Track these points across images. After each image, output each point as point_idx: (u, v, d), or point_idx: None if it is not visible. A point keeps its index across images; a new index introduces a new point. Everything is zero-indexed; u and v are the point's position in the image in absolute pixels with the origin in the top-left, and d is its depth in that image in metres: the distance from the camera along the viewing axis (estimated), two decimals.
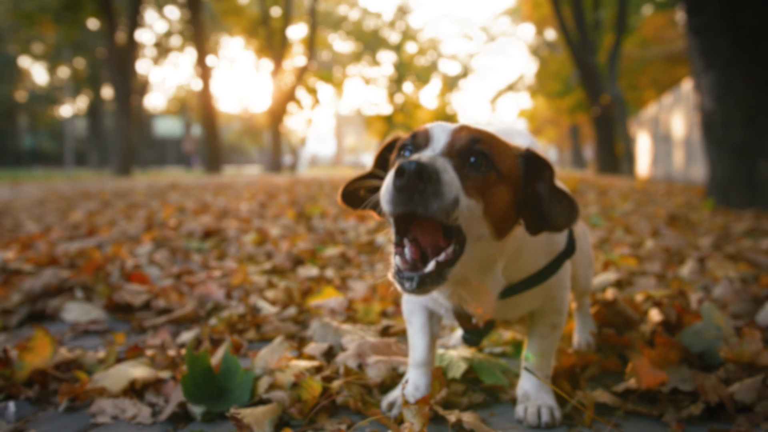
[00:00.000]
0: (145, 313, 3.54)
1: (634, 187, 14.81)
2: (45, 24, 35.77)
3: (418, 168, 1.41)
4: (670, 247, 5.36)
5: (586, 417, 2.03)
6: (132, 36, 31.93)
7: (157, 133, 77.46)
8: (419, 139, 1.65)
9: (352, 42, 58.24)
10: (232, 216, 8.73)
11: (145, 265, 4.91)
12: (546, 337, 2.12)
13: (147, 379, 2.37)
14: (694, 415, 2.05)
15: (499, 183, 1.61)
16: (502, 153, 1.65)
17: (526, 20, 50.16)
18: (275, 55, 41.70)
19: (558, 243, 1.99)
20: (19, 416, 2.21)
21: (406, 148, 1.68)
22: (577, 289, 2.70)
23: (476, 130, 1.65)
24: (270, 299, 3.70)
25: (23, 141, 69.60)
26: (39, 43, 51.97)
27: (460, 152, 1.59)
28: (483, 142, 1.60)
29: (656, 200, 11.20)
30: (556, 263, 1.97)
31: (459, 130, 1.64)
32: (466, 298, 1.80)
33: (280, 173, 37.11)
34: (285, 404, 2.15)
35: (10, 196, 13.97)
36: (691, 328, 2.52)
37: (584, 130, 52.55)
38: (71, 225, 7.83)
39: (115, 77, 31.03)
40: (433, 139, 1.63)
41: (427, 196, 1.42)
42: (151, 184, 19.07)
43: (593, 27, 30.08)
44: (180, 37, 54.87)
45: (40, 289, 3.80)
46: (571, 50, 26.95)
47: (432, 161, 1.46)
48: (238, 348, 2.77)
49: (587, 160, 53.54)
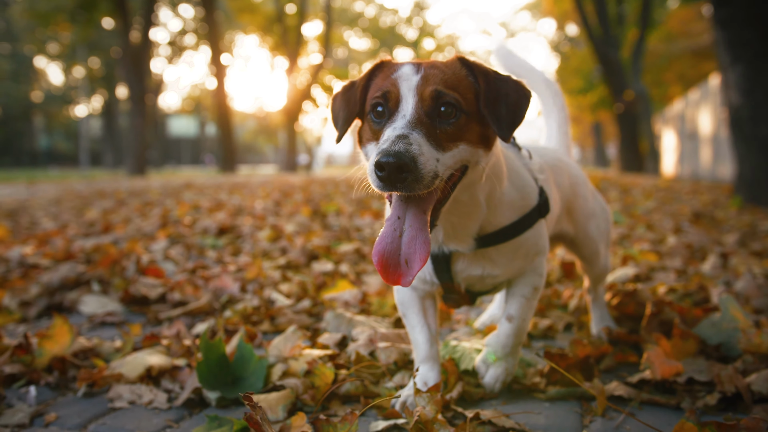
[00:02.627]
0: (161, 305, 3.63)
1: (658, 186, 14.74)
2: (60, 23, 36.27)
3: (397, 163, 1.58)
4: (693, 243, 5.37)
5: (598, 405, 2.08)
6: (146, 35, 32.27)
7: (172, 133, 78.15)
8: (390, 101, 1.78)
9: (369, 39, 58.39)
10: (246, 213, 8.84)
11: (160, 260, 5.01)
12: (528, 298, 2.19)
13: (163, 367, 2.46)
14: (710, 404, 2.09)
15: (469, 121, 1.79)
16: (462, 90, 1.80)
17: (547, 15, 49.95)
18: (290, 52, 41.91)
19: (530, 199, 2.11)
20: (40, 400, 2.30)
21: (378, 105, 1.81)
22: (596, 267, 2.76)
23: (436, 77, 1.78)
24: (284, 292, 3.77)
25: (39, 141, 70.57)
26: (54, 43, 52.66)
27: (429, 112, 1.74)
28: (446, 93, 1.75)
29: (681, 198, 11.15)
30: (530, 217, 2.08)
31: (424, 84, 1.77)
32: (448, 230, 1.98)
33: (296, 173, 37.28)
34: (298, 391, 2.22)
35: (26, 195, 14.22)
36: (709, 320, 2.55)
37: (607, 128, 52.20)
38: (87, 222, 7.97)
39: (130, 77, 31.37)
40: (402, 101, 1.76)
41: (409, 183, 1.61)
42: (166, 184, 19.29)
43: (616, 21, 29.86)
44: (194, 36, 55.32)
45: (58, 282, 3.91)
46: (594, 45, 26.79)
47: (407, 147, 1.61)
48: (253, 337, 2.84)
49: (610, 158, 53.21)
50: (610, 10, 28.48)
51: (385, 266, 1.71)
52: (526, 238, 2.09)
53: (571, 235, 2.61)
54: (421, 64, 1.84)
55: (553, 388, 2.25)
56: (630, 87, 26.78)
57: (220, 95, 35.58)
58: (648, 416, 2.06)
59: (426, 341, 2.21)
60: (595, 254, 2.71)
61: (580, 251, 2.70)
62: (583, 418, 2.07)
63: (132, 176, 29.20)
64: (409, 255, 1.70)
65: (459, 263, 2.07)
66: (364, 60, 59.73)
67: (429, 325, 2.23)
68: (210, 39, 35.34)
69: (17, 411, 2.16)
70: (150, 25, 32.69)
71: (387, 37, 57.72)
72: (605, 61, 26.84)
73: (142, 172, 30.74)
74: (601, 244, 2.71)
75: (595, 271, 2.79)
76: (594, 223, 2.66)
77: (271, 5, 44.36)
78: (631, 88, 26.68)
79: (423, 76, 1.78)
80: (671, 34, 34.27)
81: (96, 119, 68.90)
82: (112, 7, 31.30)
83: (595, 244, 2.68)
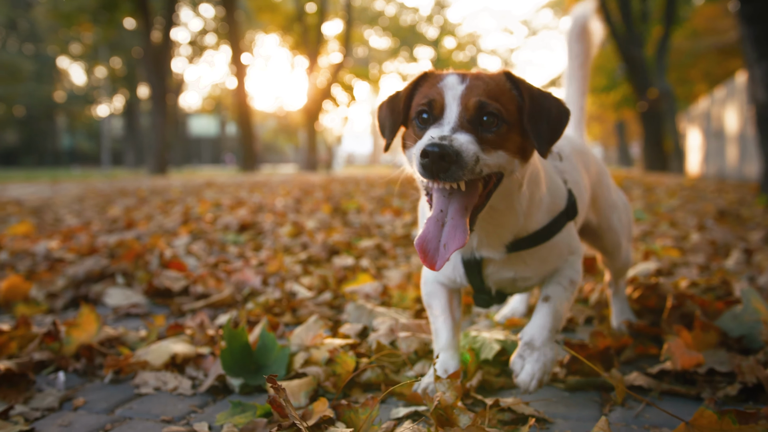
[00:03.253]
0: (184, 298, 3.70)
1: (682, 184, 14.63)
2: (83, 24, 36.77)
3: (441, 152, 1.66)
4: (717, 240, 5.34)
5: (617, 395, 2.10)
6: (167, 35, 32.61)
7: (192, 132, 78.78)
8: (435, 108, 1.84)
9: (389, 38, 58.40)
10: (267, 211, 8.92)
11: (182, 255, 5.09)
12: (565, 288, 2.18)
13: (187, 355, 2.52)
14: (730, 395, 2.10)
15: (510, 131, 1.84)
16: (505, 102, 1.86)
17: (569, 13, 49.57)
18: (310, 51, 42.09)
19: (559, 201, 2.14)
20: (68, 386, 2.37)
21: (423, 113, 1.87)
22: (618, 260, 2.77)
23: (481, 88, 1.84)
24: (306, 285, 3.83)
25: (61, 141, 71.54)
26: (77, 43, 53.33)
27: (472, 120, 1.80)
28: (489, 104, 1.80)
29: (706, 197, 11.06)
30: (558, 221, 2.12)
31: (468, 94, 1.83)
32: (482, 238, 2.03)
33: (316, 172, 37.43)
34: (320, 378, 2.27)
35: (50, 194, 14.44)
36: (730, 312, 2.56)
37: (631, 127, 51.74)
38: (110, 219, 8.10)
39: (151, 76, 31.74)
40: (447, 108, 1.83)
41: (452, 172, 1.69)
42: (187, 182, 19.48)
43: (640, 18, 29.61)
44: (215, 35, 55.71)
45: (83, 275, 3.99)
46: (617, 43, 26.58)
47: (449, 143, 1.69)
48: (275, 327, 2.89)
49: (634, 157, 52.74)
50: (633, 7, 28.25)
51: (425, 249, 1.78)
52: (557, 241, 2.13)
53: (594, 225, 2.62)
54: (466, 75, 1.90)
55: (573, 378, 2.28)
56: (654, 85, 26.53)
57: (240, 95, 35.83)
58: (668, 406, 2.07)
59: (448, 330, 2.24)
60: (617, 247, 2.72)
61: (601, 243, 2.71)
62: (602, 407, 2.10)
63: (153, 175, 29.51)
64: (447, 240, 1.77)
65: (490, 267, 2.12)
66: (384, 59, 59.79)
67: (452, 316, 2.26)
68: (230, 38, 35.60)
69: (47, 395, 2.23)
70: (171, 25, 33.05)
71: (407, 35, 57.67)
72: (629, 58, 26.63)
73: (163, 171, 31.06)
74: (623, 237, 2.72)
75: (616, 265, 2.80)
76: (616, 215, 2.68)
77: (292, 4, 44.58)
78: (655, 86, 26.44)
79: (467, 86, 1.85)
80: (697, 31, 33.90)
81: (117, 119, 69.66)
82: (134, 8, 31.69)
83: (617, 236, 2.69)
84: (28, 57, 60.98)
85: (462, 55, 60.69)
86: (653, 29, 30.50)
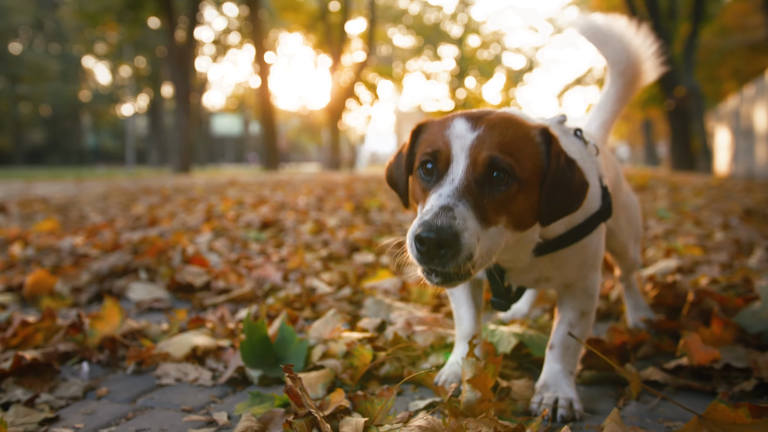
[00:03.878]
0: (205, 293, 3.78)
1: (709, 184, 14.48)
2: (108, 23, 37.33)
3: (438, 240, 1.56)
4: (741, 239, 5.31)
5: (632, 389, 2.12)
6: (191, 34, 32.97)
7: (216, 131, 79.44)
8: (440, 161, 1.73)
9: (413, 36, 58.44)
10: (289, 208, 9.01)
11: (204, 251, 5.17)
12: (574, 326, 2.11)
13: (208, 347, 2.58)
14: (746, 390, 2.11)
15: (520, 191, 1.71)
16: (522, 156, 1.72)
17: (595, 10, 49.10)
18: (334, 50, 42.28)
19: (593, 201, 2.01)
20: (92, 376, 2.45)
21: (427, 163, 1.76)
22: (625, 260, 2.76)
23: (495, 138, 1.71)
24: (326, 281, 3.88)
25: (86, 140, 72.61)
26: (102, 43, 54.15)
27: (479, 179, 1.68)
28: (502, 157, 1.68)
29: (732, 196, 10.94)
30: (591, 222, 2.00)
31: (478, 146, 1.70)
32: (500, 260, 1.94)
33: (339, 171, 37.55)
34: (337, 370, 2.32)
35: (75, 192, 14.69)
36: (749, 309, 2.56)
37: (658, 126, 51.21)
38: (133, 217, 8.24)
39: (175, 75, 32.10)
40: (453, 162, 1.71)
41: (447, 259, 1.59)
42: (210, 181, 19.69)
43: (667, 15, 29.30)
44: (239, 34, 56.17)
45: (107, 270, 4.08)
46: None
47: (450, 222, 1.58)
48: (294, 320, 2.95)
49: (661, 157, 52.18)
50: (661, 4, 27.97)
51: None
52: (586, 243, 2.03)
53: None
54: (481, 118, 1.76)
55: (589, 373, 2.30)
56: (681, 83, 26.25)
57: (263, 93, 36.11)
58: (683, 401, 2.09)
59: (471, 318, 2.24)
60: (625, 247, 2.68)
61: (610, 243, 2.63)
62: (617, 401, 2.12)
63: (177, 174, 29.84)
64: None
65: (513, 272, 2.05)
66: (408, 57, 59.80)
67: (476, 304, 2.25)
68: (254, 37, 35.92)
69: (71, 385, 2.30)
70: (195, 24, 33.42)
71: (431, 34, 57.64)
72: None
73: (186, 170, 31.39)
74: (631, 238, 2.69)
75: (624, 264, 2.79)
76: (625, 216, 2.64)
77: (315, 3, 44.84)
78: (682, 85, 26.15)
79: (479, 136, 1.71)
80: (726, 28, 33.48)
81: (142, 118, 70.53)
82: (158, 7, 32.10)
83: (626, 236, 2.65)
84: (54, 57, 62.04)
85: (486, 53, 60.49)
86: (681, 26, 30.16)
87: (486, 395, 1.95)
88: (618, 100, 2.75)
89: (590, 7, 51.44)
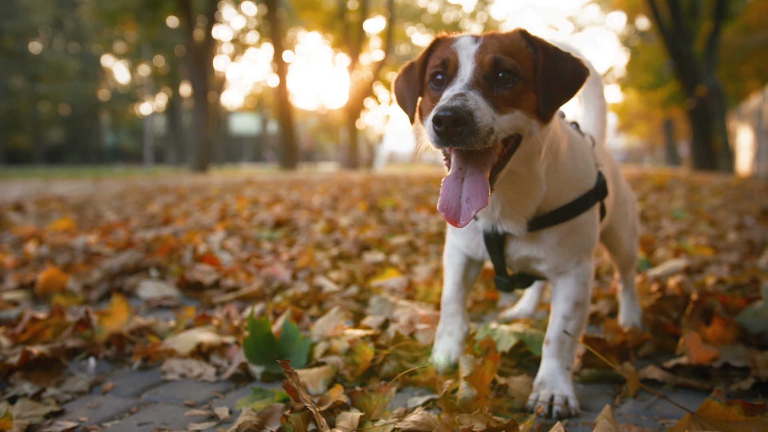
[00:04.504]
0: (215, 291, 3.84)
1: (729, 184, 14.33)
2: (126, 23, 37.70)
3: (454, 116, 1.65)
4: (755, 239, 5.28)
5: (629, 387, 2.14)
6: (210, 33, 33.18)
7: (234, 131, 79.91)
8: (449, 68, 1.85)
9: (432, 35, 58.08)
10: (303, 208, 9.08)
11: (216, 250, 5.24)
12: (569, 319, 2.14)
13: (212, 344, 2.64)
14: (743, 389, 2.13)
15: (526, 88, 1.84)
16: (521, 59, 1.86)
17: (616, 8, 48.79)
18: (352, 49, 42.36)
19: (588, 179, 2.12)
20: (98, 371, 2.51)
21: (438, 74, 1.88)
22: (621, 255, 2.78)
23: (495, 45, 1.85)
24: (334, 279, 3.93)
25: (105, 139, 73.38)
26: (121, 42, 54.66)
27: (487, 77, 1.80)
28: (505, 60, 1.81)
29: (752, 196, 10.84)
30: (585, 199, 2.09)
31: (482, 52, 1.83)
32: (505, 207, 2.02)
33: (357, 170, 37.64)
34: (339, 367, 2.37)
35: (92, 191, 14.88)
36: (751, 309, 2.57)
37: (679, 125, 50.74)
38: (148, 216, 8.35)
39: (193, 74, 32.33)
40: (461, 67, 1.83)
41: (465, 136, 1.68)
42: (227, 180, 19.85)
43: (689, 13, 28.99)
44: (257, 33, 56.41)
45: (119, 268, 4.16)
46: (665, 39, 26.11)
47: (464, 103, 1.69)
48: (299, 318, 3.00)
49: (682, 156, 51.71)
50: (682, 2, 27.68)
51: (448, 207, 1.79)
52: (580, 222, 2.09)
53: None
54: (480, 36, 1.91)
55: (588, 371, 2.33)
56: (703, 82, 25.98)
57: (281, 93, 36.24)
58: (681, 399, 2.11)
59: (454, 283, 2.35)
60: (620, 241, 2.71)
61: (605, 238, 2.70)
62: (615, 398, 2.14)
63: (194, 173, 30.07)
64: (471, 194, 1.77)
65: (511, 245, 2.12)
66: None
67: (465, 276, 2.35)
68: (272, 36, 36.04)
69: (78, 380, 2.37)
70: (213, 23, 33.62)
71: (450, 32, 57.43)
72: (677, 55, 26.13)
73: (204, 169, 31.62)
74: (626, 232, 2.72)
75: (619, 259, 2.80)
76: (622, 211, 2.68)
77: (333, 2, 44.92)
78: (704, 83, 25.89)
79: (482, 45, 1.85)
80: (749, 26, 33.07)
81: (160, 117, 71.09)
82: (177, 6, 32.33)
83: (621, 231, 2.69)
84: (73, 56, 62.76)
85: None
86: (703, 24, 29.83)
87: (483, 392, 1.99)
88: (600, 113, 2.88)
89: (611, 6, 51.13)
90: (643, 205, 8.99)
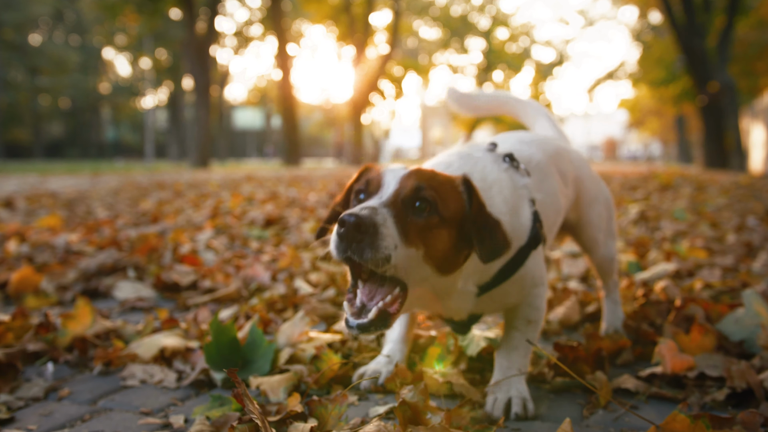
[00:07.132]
0: (191, 292, 3.82)
1: (738, 183, 14.23)
2: (128, 15, 37.76)
3: (357, 221, 1.63)
4: (753, 241, 5.23)
5: (600, 398, 2.11)
6: (212, 25, 33.21)
7: (237, 125, 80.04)
8: (372, 186, 1.87)
9: (439, 28, 58.25)
10: (297, 206, 9.06)
11: (202, 250, 5.22)
12: (521, 330, 2.19)
13: (176, 348, 2.61)
14: (717, 400, 2.09)
15: (441, 226, 1.82)
16: (447, 197, 1.85)
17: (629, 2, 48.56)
18: (357, 43, 42.33)
19: (521, 235, 2.09)
20: (57, 377, 2.49)
21: (360, 193, 1.90)
22: (597, 256, 2.74)
23: (424, 175, 1.86)
24: (313, 282, 3.90)
25: (106, 133, 73.65)
26: (122, 34, 54.78)
27: (405, 200, 1.79)
28: (427, 189, 1.80)
29: (760, 196, 10.75)
30: (519, 256, 2.08)
31: (408, 177, 1.85)
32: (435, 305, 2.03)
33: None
34: (303, 374, 2.34)
35: (88, 186, 14.91)
36: (732, 316, 2.53)
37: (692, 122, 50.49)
38: (139, 213, 8.35)
39: (195, 68, 32.38)
40: (383, 187, 1.84)
41: (363, 246, 1.65)
42: (227, 176, 19.87)
43: (702, 8, 28.77)
44: (261, 26, 56.47)
45: (95, 268, 4.15)
46: (677, 34, 25.94)
47: (372, 215, 1.67)
48: (267, 323, 2.97)
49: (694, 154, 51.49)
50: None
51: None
52: (521, 274, 2.11)
53: (572, 221, 2.63)
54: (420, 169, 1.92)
55: (560, 379, 2.30)
56: (715, 78, 25.82)
57: (285, 86, 36.27)
58: (653, 410, 2.08)
59: (403, 324, 2.39)
60: (594, 241, 2.69)
61: (579, 238, 2.71)
62: (584, 409, 2.11)
63: (195, 168, 30.12)
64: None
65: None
66: (434, 50, 59.71)
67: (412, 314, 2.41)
68: (276, 29, 36.07)
69: (33, 385, 2.35)
70: (216, 15, 33.64)
71: (458, 26, 57.37)
72: (689, 50, 25.96)
73: (205, 165, 31.66)
74: (601, 232, 2.69)
75: (597, 261, 2.77)
76: (596, 210, 2.65)
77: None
78: (716, 79, 25.73)
79: (412, 172, 1.87)
80: (763, 21, 32.80)
81: (162, 111, 71.30)
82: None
83: (595, 230, 2.67)
84: (74, 48, 63.04)
85: (515, 46, 60.10)
86: (716, 19, 29.61)
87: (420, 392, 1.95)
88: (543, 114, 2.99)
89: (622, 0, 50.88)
90: (644, 205, 8.93)
